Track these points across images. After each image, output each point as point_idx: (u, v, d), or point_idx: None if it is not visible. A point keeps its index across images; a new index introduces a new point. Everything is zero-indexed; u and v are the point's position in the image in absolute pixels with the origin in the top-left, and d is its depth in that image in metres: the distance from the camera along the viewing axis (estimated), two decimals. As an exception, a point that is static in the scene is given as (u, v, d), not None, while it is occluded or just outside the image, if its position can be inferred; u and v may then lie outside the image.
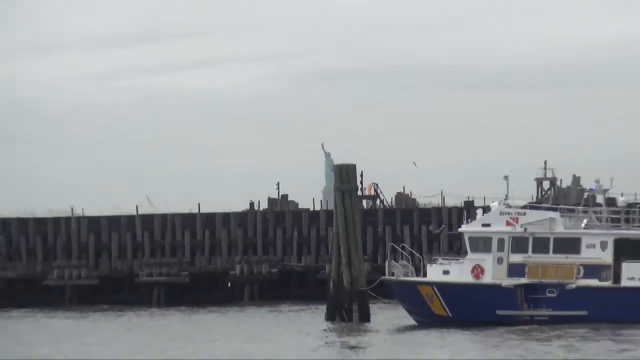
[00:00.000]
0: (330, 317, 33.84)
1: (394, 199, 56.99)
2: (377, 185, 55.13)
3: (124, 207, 53.97)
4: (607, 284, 31.17)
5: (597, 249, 32.07)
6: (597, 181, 34.51)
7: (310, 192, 55.27)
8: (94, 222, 51.05)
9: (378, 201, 56.36)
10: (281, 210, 54.66)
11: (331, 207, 41.63)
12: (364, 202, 52.18)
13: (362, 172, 43.39)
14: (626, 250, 31.78)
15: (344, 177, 35.69)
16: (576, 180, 37.27)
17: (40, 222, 51.82)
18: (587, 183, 34.78)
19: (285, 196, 57.31)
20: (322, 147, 57.55)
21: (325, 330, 32.68)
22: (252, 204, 54.68)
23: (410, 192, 57.02)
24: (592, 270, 31.76)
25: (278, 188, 56.35)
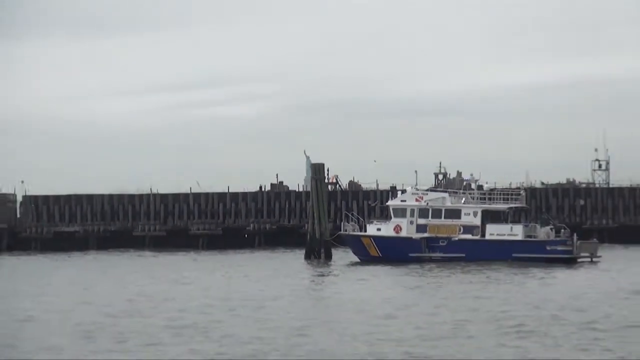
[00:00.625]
0: (307, 256, 51.87)
1: (347, 185, 79.57)
2: (337, 176, 77.35)
3: (182, 187, 78.85)
4: (477, 237, 46.14)
5: (471, 216, 46.86)
6: (472, 175, 51.33)
7: (296, 180, 78.63)
8: (164, 197, 77.20)
9: (337, 186, 78.47)
10: (278, 191, 78.33)
11: (309, 189, 58.79)
12: (329, 186, 71.63)
13: (328, 169, 61.01)
14: (489, 217, 46.62)
15: (317, 171, 54.61)
16: (459, 174, 50.34)
17: (131, 197, 77.32)
18: (465, 176, 51.89)
19: (281, 182, 79.90)
20: (305, 152, 77.09)
21: (303, 264, 50.52)
22: (261, 187, 78.08)
23: (358, 181, 79.40)
24: (468, 229, 46.47)
25: (277, 178, 79.43)
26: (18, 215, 75.99)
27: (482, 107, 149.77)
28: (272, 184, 79.22)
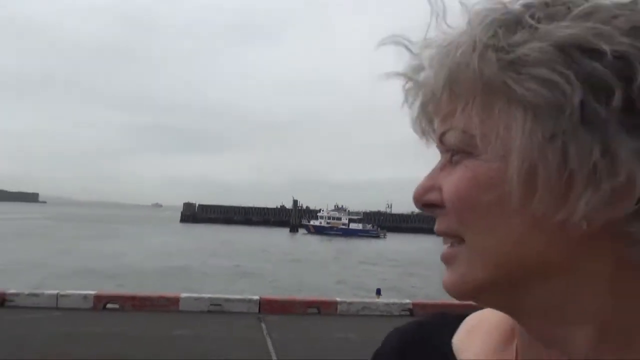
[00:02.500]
0: (291, 230, 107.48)
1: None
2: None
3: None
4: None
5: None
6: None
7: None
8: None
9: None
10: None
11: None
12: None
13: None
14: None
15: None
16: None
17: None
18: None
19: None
20: None
21: (289, 234, 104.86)
22: (282, 206, 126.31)
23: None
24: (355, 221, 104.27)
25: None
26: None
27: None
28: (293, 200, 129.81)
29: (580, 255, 0.51)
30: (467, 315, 0.71)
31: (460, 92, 0.53)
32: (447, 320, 0.73)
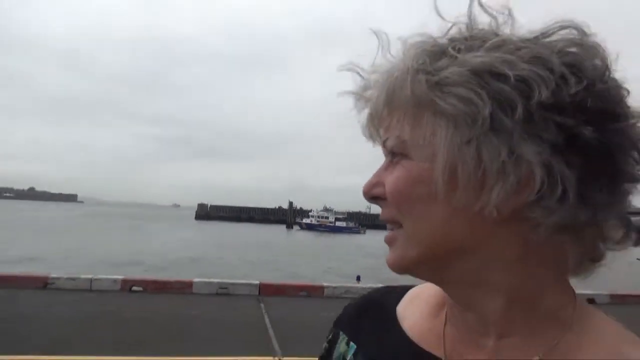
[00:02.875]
0: (287, 227, 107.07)
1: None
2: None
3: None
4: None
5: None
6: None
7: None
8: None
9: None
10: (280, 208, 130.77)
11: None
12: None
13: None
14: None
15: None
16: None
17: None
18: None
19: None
20: None
21: (285, 230, 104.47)
22: (280, 207, 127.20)
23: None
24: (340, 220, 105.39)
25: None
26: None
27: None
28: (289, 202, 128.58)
29: (493, 236, 0.54)
30: (409, 288, 0.76)
31: (397, 107, 0.56)
32: (394, 292, 0.76)
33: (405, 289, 0.76)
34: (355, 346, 0.71)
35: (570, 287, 0.59)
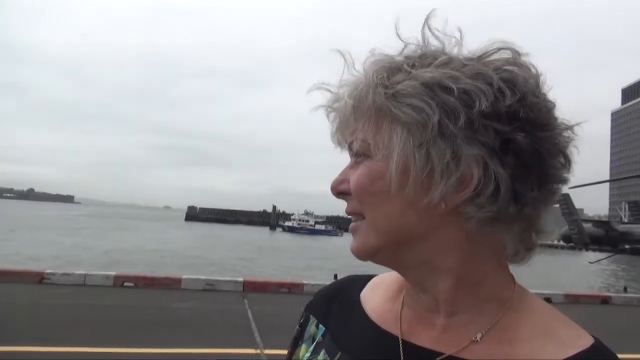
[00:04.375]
0: (270, 229, 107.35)
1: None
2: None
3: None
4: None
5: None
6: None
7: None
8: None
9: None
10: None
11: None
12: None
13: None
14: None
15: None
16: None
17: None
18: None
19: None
20: None
21: (269, 232, 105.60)
22: (264, 210, 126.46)
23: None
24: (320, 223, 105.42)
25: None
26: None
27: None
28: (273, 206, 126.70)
29: (440, 226, 0.59)
30: (372, 277, 0.79)
31: (361, 115, 0.60)
32: (359, 279, 0.80)
33: (368, 278, 0.79)
34: (324, 328, 0.74)
35: (509, 273, 0.63)
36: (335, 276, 15.09)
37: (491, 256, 0.60)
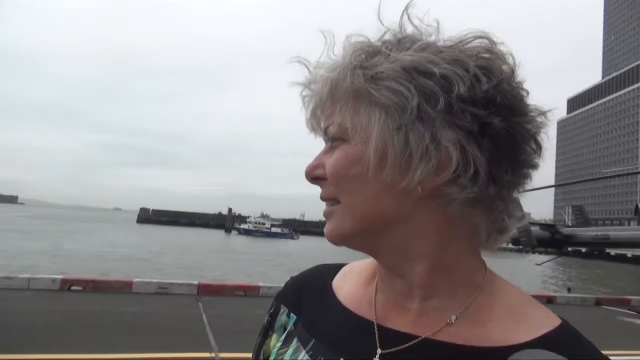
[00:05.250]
0: (225, 232, 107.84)
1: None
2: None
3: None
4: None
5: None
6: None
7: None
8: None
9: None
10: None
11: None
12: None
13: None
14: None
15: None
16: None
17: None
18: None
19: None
20: None
21: (224, 234, 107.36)
22: (220, 212, 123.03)
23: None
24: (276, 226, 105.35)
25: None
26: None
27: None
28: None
29: (417, 210, 0.59)
30: (343, 265, 0.79)
31: (338, 98, 0.60)
32: (329, 268, 0.79)
33: (339, 266, 0.79)
34: (295, 317, 0.73)
35: (481, 258, 0.64)
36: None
37: (465, 241, 0.61)
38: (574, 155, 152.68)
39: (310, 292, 0.75)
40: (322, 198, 0.63)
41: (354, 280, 0.73)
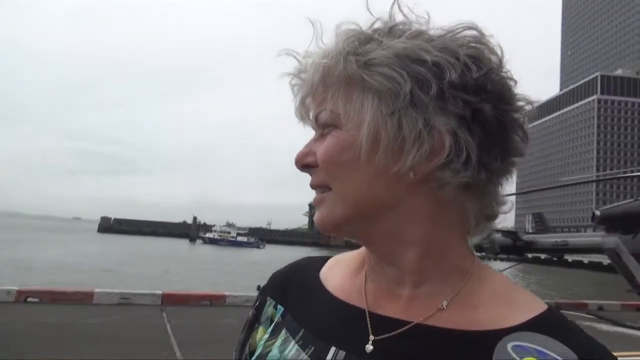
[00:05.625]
0: (190, 241, 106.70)
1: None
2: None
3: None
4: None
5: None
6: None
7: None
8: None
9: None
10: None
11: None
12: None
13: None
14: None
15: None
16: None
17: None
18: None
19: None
20: None
21: (188, 244, 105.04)
22: (184, 221, 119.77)
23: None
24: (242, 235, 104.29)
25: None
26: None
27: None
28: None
29: (409, 195, 0.59)
30: (328, 258, 0.78)
31: (330, 84, 0.60)
32: (315, 261, 0.79)
33: (324, 259, 0.78)
34: (282, 308, 0.72)
35: (469, 246, 0.65)
36: (259, 287, 14.95)
37: (456, 227, 0.62)
38: (535, 164, 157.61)
39: (297, 284, 0.74)
40: (312, 185, 0.63)
41: (341, 271, 0.73)
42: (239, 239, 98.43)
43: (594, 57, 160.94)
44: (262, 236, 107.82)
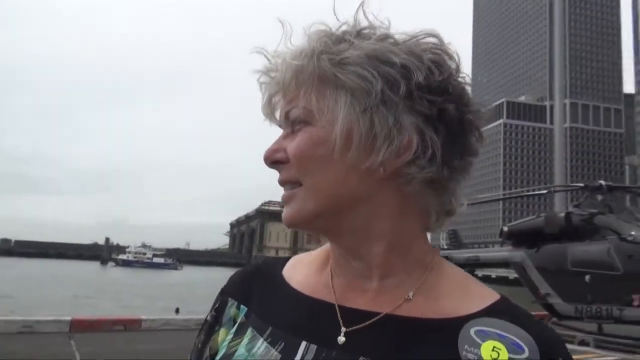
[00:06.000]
0: (102, 263, 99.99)
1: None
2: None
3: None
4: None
5: None
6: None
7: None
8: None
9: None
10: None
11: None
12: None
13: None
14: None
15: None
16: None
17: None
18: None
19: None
20: None
21: (99, 266, 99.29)
22: (95, 242, 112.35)
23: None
24: (158, 256, 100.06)
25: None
26: None
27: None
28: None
29: (378, 191, 0.62)
30: (290, 258, 0.79)
31: (303, 81, 0.62)
32: (277, 260, 0.79)
33: (285, 259, 0.78)
34: (246, 308, 0.72)
35: (428, 241, 0.69)
36: (177, 310, 14.40)
37: (418, 222, 0.66)
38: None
39: (259, 283, 0.74)
40: (282, 182, 0.65)
41: (305, 269, 0.74)
42: (155, 260, 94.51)
43: (500, 83, 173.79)
44: (181, 257, 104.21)
